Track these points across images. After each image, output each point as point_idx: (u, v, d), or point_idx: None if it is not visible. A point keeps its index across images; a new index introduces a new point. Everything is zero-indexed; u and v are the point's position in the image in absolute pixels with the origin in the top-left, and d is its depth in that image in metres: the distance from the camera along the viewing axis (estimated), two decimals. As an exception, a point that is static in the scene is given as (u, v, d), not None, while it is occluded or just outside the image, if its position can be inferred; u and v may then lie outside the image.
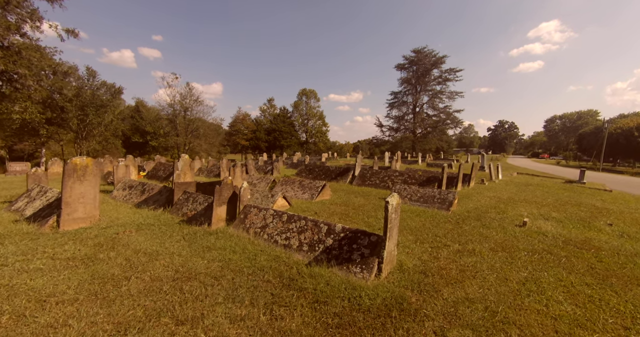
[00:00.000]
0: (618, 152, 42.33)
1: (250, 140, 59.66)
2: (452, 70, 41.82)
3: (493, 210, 6.64)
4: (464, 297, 2.75)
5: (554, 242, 4.51)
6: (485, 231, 4.99)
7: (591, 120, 73.82)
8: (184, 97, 43.11)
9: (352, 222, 5.34)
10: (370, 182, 9.78)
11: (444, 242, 4.33)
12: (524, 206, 7.23)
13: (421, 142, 45.19)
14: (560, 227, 5.46)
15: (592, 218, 6.22)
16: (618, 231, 5.36)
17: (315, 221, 3.94)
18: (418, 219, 5.68)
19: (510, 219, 5.83)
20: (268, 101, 63.31)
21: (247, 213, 4.61)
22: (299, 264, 3.35)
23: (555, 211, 6.77)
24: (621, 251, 4.25)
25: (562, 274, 3.35)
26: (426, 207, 6.62)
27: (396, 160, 17.28)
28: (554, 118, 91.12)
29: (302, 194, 7.38)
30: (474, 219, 5.76)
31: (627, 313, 2.60)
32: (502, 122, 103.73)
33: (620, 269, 3.57)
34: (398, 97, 46.56)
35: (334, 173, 11.09)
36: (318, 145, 62.87)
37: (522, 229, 5.16)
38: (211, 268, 3.06)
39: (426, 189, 7.09)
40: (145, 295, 2.36)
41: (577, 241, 4.63)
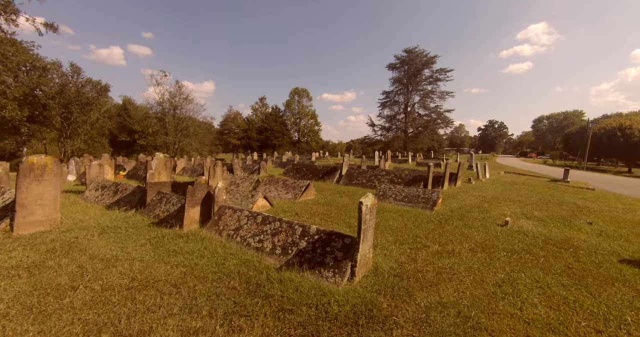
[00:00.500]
0: (602, 151, 43.52)
1: (242, 139, 59.02)
2: (443, 71, 42.22)
3: (477, 209, 6.61)
4: (438, 302, 2.64)
5: (534, 242, 4.47)
6: (466, 231, 4.93)
7: (577, 121, 75.85)
8: (174, 95, 42.29)
9: (333, 223, 5.21)
10: (357, 182, 9.68)
11: (423, 243, 4.23)
12: (507, 205, 7.23)
13: (413, 141, 45.51)
14: (541, 226, 5.45)
15: (572, 217, 6.25)
16: (597, 229, 5.38)
17: (290, 223, 3.79)
18: (401, 219, 5.58)
19: (492, 219, 5.79)
20: (260, 100, 62.79)
21: (221, 214, 4.42)
22: (270, 269, 3.19)
23: (538, 210, 6.79)
24: (599, 249, 4.23)
25: (539, 275, 3.29)
26: (410, 207, 6.54)
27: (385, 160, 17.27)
28: (541, 118, 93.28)
29: (285, 194, 7.21)
30: (457, 219, 5.70)
31: (601, 315, 2.53)
32: (492, 122, 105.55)
33: (597, 269, 3.54)
34: (390, 97, 46.77)
35: (321, 172, 10.94)
36: (310, 145, 62.68)
37: (503, 229, 5.12)
38: (173, 275, 2.87)
39: (411, 189, 7.01)
40: (90, 307, 2.16)
41: (557, 240, 4.61)
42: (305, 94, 59.53)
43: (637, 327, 2.38)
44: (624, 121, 41.95)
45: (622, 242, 4.67)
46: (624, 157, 42.50)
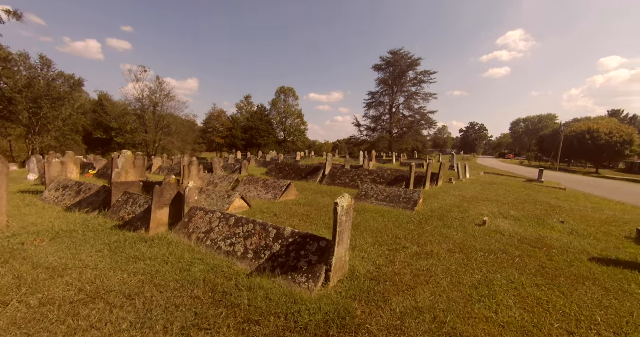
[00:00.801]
0: (572, 153, 46.04)
1: (226, 138, 57.73)
2: (427, 73, 43.18)
3: (456, 209, 6.67)
4: (414, 307, 2.54)
5: (510, 241, 4.52)
6: (446, 231, 4.92)
7: (550, 124, 79.93)
8: (154, 91, 40.65)
9: (313, 224, 5.05)
10: (340, 182, 9.58)
11: (403, 245, 4.16)
12: (486, 205, 7.36)
13: (397, 142, 46.25)
14: (517, 225, 5.54)
15: (546, 216, 6.42)
16: (569, 228, 5.54)
17: (264, 225, 3.59)
18: (381, 219, 5.51)
19: (471, 219, 5.84)
20: (245, 98, 61.73)
21: (192, 216, 4.15)
22: (240, 275, 2.98)
23: (514, 210, 6.94)
24: (570, 248, 4.33)
25: (514, 276, 3.28)
26: (392, 207, 6.50)
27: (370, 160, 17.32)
28: (518, 121, 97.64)
29: (265, 194, 6.98)
30: (437, 219, 5.71)
31: (572, 316, 2.52)
32: (473, 124, 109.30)
33: (569, 268, 3.59)
34: (375, 98, 47.30)
35: (305, 172, 10.77)
36: (297, 144, 62.28)
37: (481, 229, 5.16)
38: (129, 284, 2.60)
39: (393, 189, 6.98)
40: (19, 327, 1.88)
41: (532, 239, 4.68)
42: (291, 93, 59.08)
43: (606, 328, 2.38)
44: (592, 125, 44.58)
45: (592, 240, 4.81)
46: (592, 159, 45.17)
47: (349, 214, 3.09)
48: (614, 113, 67.58)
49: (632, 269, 3.61)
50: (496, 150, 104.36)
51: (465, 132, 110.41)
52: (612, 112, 68.45)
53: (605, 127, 42.57)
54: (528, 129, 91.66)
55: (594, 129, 42.26)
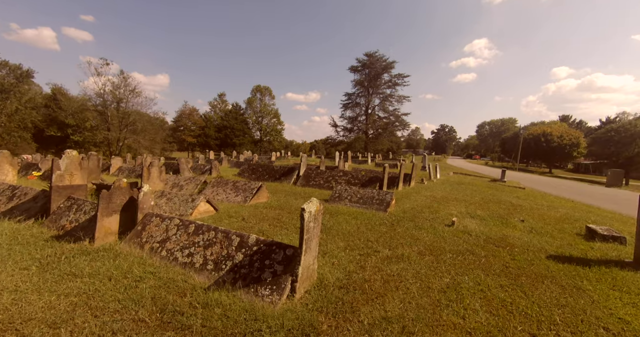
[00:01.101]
0: (530, 154, 50.09)
1: (199, 137, 55.28)
2: (401, 76, 44.56)
3: (427, 210, 6.79)
4: (382, 317, 2.43)
5: (477, 242, 4.63)
6: (416, 233, 4.94)
7: (511, 127, 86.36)
8: (118, 86, 37.66)
9: (283, 228, 4.83)
10: (315, 183, 9.43)
11: (374, 248, 4.08)
12: (454, 205, 7.60)
13: (373, 142, 47.22)
14: (483, 225, 5.74)
15: (508, 215, 6.76)
16: (528, 226, 5.85)
17: (227, 232, 3.31)
18: (354, 222, 5.42)
19: (441, 219, 5.96)
20: (219, 96, 59.60)
21: (146, 224, 3.74)
22: (196, 289, 2.69)
23: (480, 209, 7.24)
24: (530, 246, 4.53)
25: (480, 277, 3.32)
26: (365, 209, 6.46)
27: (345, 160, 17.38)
28: (484, 124, 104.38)
29: (234, 196, 6.61)
30: (409, 220, 5.75)
31: (534, 317, 2.56)
32: (444, 126, 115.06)
33: (529, 266, 3.72)
34: (352, 99, 47.91)
35: (278, 173, 10.48)
36: (273, 144, 61.30)
37: (450, 229, 5.26)
38: (57, 308, 2.21)
39: (366, 190, 6.95)
40: None
41: (496, 238, 4.85)
42: (267, 92, 58.01)
43: (564, 327, 2.44)
44: (546, 129, 48.76)
45: (548, 238, 5.09)
46: (546, 160, 49.46)
47: (317, 220, 2.93)
48: (564, 118, 74.64)
49: (583, 265, 3.83)
50: (464, 151, 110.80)
51: (436, 133, 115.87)
52: (562, 117, 75.52)
53: (557, 130, 46.79)
54: (492, 132, 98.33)
55: (548, 133, 46.26)
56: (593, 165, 50.50)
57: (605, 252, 4.43)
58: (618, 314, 2.68)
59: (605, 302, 2.89)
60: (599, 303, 2.86)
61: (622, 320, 2.59)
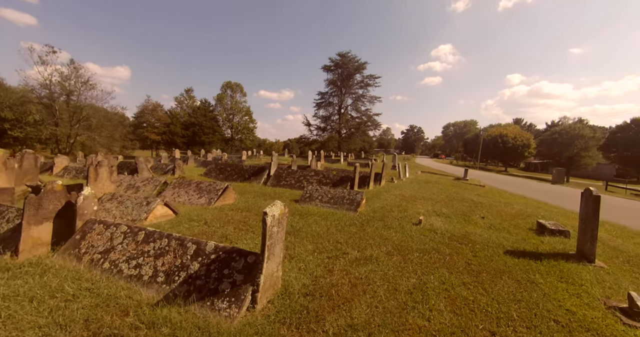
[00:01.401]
0: (489, 154, 54.20)
1: (164, 134, 51.81)
2: (372, 77, 45.67)
3: (396, 208, 6.91)
4: (348, 325, 2.33)
5: (442, 240, 4.76)
6: (386, 233, 4.96)
7: (473, 129, 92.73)
8: (67, 77, 33.87)
9: (249, 231, 4.57)
10: (286, 183, 9.20)
11: (343, 250, 4.00)
12: (422, 203, 7.84)
13: (346, 142, 47.87)
14: (448, 222, 5.96)
15: (470, 212, 7.11)
16: (488, 223, 6.19)
17: (182, 239, 3.00)
18: (324, 222, 5.32)
19: (409, 218, 6.08)
20: (186, 91, 56.35)
21: (86, 232, 3.28)
22: (142, 306, 2.38)
23: (445, 207, 7.54)
24: (490, 243, 4.76)
25: (445, 276, 3.38)
26: (335, 209, 6.39)
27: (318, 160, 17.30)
28: (449, 125, 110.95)
29: (197, 198, 6.17)
30: (378, 220, 5.78)
31: (494, 314, 2.63)
32: (413, 127, 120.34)
33: (489, 262, 3.88)
34: (325, 98, 48.09)
35: (248, 173, 10.07)
36: (245, 143, 59.52)
37: (417, 228, 5.37)
38: (-48, 344, 1.80)
39: (337, 190, 6.89)
40: None
41: (459, 236, 5.03)
42: (239, 88, 56.13)
43: (520, 323, 2.53)
44: (503, 131, 53.02)
45: (505, 234, 5.41)
46: (502, 159, 53.86)
47: (281, 224, 2.75)
48: (517, 121, 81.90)
49: (535, 259, 4.10)
50: (431, 151, 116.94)
51: (406, 133, 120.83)
52: (515, 120, 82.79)
53: (511, 132, 51.10)
54: (456, 133, 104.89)
55: (504, 134, 50.35)
56: (541, 164, 56.02)
57: (553, 245, 4.80)
58: (565, 306, 2.86)
59: (555, 294, 3.08)
60: (549, 296, 3.03)
61: (569, 311, 2.76)
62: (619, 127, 45.46)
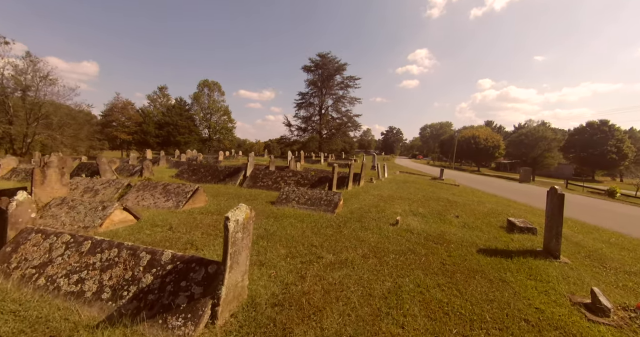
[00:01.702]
0: (463, 155, 56.72)
1: (135, 134, 49.00)
2: (352, 78, 46.10)
3: (374, 209, 6.87)
4: (317, 337, 2.16)
5: (418, 240, 4.74)
6: (362, 234, 4.86)
7: (448, 130, 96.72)
8: (23, 71, 31.00)
9: (219, 237, 4.27)
10: (262, 184, 8.89)
11: (318, 254, 3.83)
12: (399, 203, 7.88)
13: (327, 142, 47.93)
14: (424, 222, 5.99)
15: (445, 211, 7.24)
16: (462, 221, 6.31)
17: (134, 249, 2.68)
18: (300, 225, 5.12)
19: (386, 218, 6.05)
20: (159, 89, 53.75)
21: (20, 243, 2.85)
22: (80, 329, 2.05)
23: (422, 207, 7.63)
24: (464, 242, 4.81)
25: (420, 278, 3.31)
26: (313, 211, 6.22)
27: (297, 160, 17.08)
28: (426, 126, 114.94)
29: (164, 201, 5.73)
30: (356, 221, 5.68)
31: (467, 316, 2.58)
32: (392, 128, 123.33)
33: (463, 262, 3.89)
34: (305, 98, 47.86)
35: (223, 174, 9.63)
36: (224, 143, 57.84)
37: (394, 228, 5.33)
38: None
39: (314, 191, 6.73)
40: None
41: (435, 235, 5.05)
42: (216, 87, 54.46)
43: (493, 325, 2.49)
44: (475, 132, 55.68)
45: (478, 232, 5.52)
46: (475, 159, 56.57)
47: (246, 229, 2.52)
48: (488, 123, 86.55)
49: (506, 257, 4.17)
50: (409, 152, 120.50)
51: (385, 135, 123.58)
52: (487, 123, 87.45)
53: (483, 134, 53.79)
54: (433, 134, 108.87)
55: (477, 136, 52.88)
56: (510, 164, 59.51)
57: (522, 243, 4.94)
58: (535, 304, 2.88)
59: (525, 292, 3.11)
60: (519, 294, 3.05)
61: (539, 310, 2.78)
62: (577, 130, 49.44)
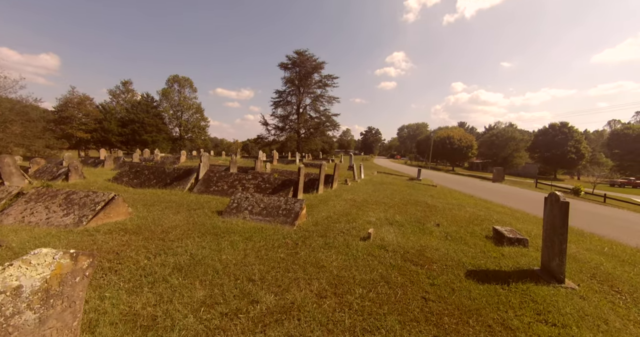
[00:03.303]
0: (439, 154, 58.06)
1: (94, 132, 44.62)
2: (330, 77, 45.32)
3: (344, 218, 5.84)
4: None
5: (394, 261, 3.74)
6: (324, 255, 3.77)
7: (424, 131, 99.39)
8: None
9: (111, 272, 2.97)
10: (216, 189, 7.55)
11: (253, 295, 2.68)
12: (374, 209, 6.92)
13: (305, 142, 46.74)
14: (401, 234, 5.04)
15: (425, 218, 6.38)
16: (443, 231, 5.45)
17: None
18: (244, 245, 3.93)
19: (357, 230, 5.02)
20: (123, 84, 49.54)
21: None
22: None
23: (399, 213, 6.72)
24: (448, 260, 3.89)
25: (396, 331, 2.28)
26: (268, 223, 5.05)
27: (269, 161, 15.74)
28: (403, 127, 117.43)
29: (62, 216, 4.28)
30: (319, 235, 4.59)
31: None
32: (371, 129, 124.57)
33: (451, 296, 2.92)
34: (283, 97, 46.38)
35: (171, 177, 8.15)
36: (196, 142, 54.66)
37: (365, 245, 4.30)
38: None
39: (272, 198, 5.55)
40: None
41: (414, 252, 4.09)
42: (187, 83, 51.27)
43: None
44: (450, 133, 57.17)
45: (463, 246, 4.65)
46: (450, 159, 58.14)
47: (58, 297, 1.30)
48: (461, 124, 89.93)
49: (502, 282, 3.29)
50: (388, 152, 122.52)
51: (364, 135, 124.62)
52: (460, 124, 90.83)
53: (457, 134, 55.34)
54: (410, 134, 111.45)
55: (451, 136, 54.27)
56: (482, 164, 61.89)
57: (515, 259, 4.11)
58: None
59: (542, 351, 2.17)
60: (536, 356, 2.11)
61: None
62: (540, 131, 52.31)
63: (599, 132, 73.79)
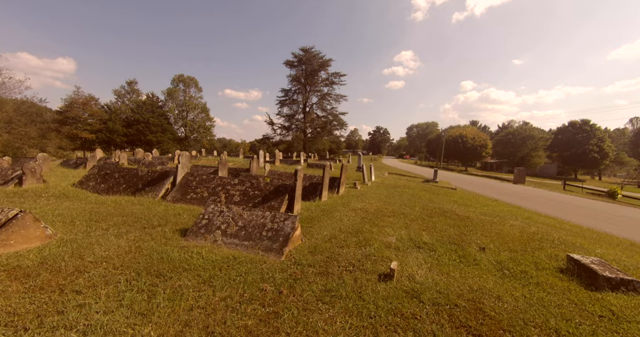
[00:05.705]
0: (450, 154, 55.64)
1: (99, 132, 44.28)
2: (337, 74, 43.67)
3: (354, 239, 4.30)
4: None
5: (437, 327, 2.19)
6: (323, 320, 2.25)
7: (434, 130, 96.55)
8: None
9: None
10: (194, 196, 6.13)
11: None
12: (392, 224, 5.35)
13: (312, 142, 45.25)
14: (436, 267, 3.47)
15: (461, 238, 4.78)
16: (494, 260, 3.86)
17: None
18: (193, 299, 2.45)
19: (373, 261, 3.49)
20: (128, 84, 49.24)
21: None
22: None
23: (426, 230, 5.14)
24: (528, 326, 2.31)
25: None
26: (245, 250, 3.56)
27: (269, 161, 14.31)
28: (412, 126, 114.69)
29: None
30: (317, 273, 3.08)
31: None
32: (379, 128, 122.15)
33: None
34: (288, 95, 45.03)
35: (144, 181, 6.79)
36: (202, 142, 54.01)
37: (387, 290, 2.76)
38: None
39: (255, 212, 4.07)
40: None
41: (465, 306, 2.53)
42: (192, 83, 50.64)
43: None
44: (462, 131, 54.74)
45: (535, 289, 3.05)
46: (462, 159, 55.65)
47: None
48: (474, 123, 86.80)
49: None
50: (397, 151, 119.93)
51: (372, 135, 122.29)
52: (472, 122, 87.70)
53: (470, 133, 52.88)
54: (419, 134, 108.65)
55: (464, 135, 51.87)
56: (496, 164, 59.09)
57: (637, 319, 2.50)
58: None
59: None
60: None
61: None
62: (560, 129, 49.31)
63: (620, 130, 69.85)
